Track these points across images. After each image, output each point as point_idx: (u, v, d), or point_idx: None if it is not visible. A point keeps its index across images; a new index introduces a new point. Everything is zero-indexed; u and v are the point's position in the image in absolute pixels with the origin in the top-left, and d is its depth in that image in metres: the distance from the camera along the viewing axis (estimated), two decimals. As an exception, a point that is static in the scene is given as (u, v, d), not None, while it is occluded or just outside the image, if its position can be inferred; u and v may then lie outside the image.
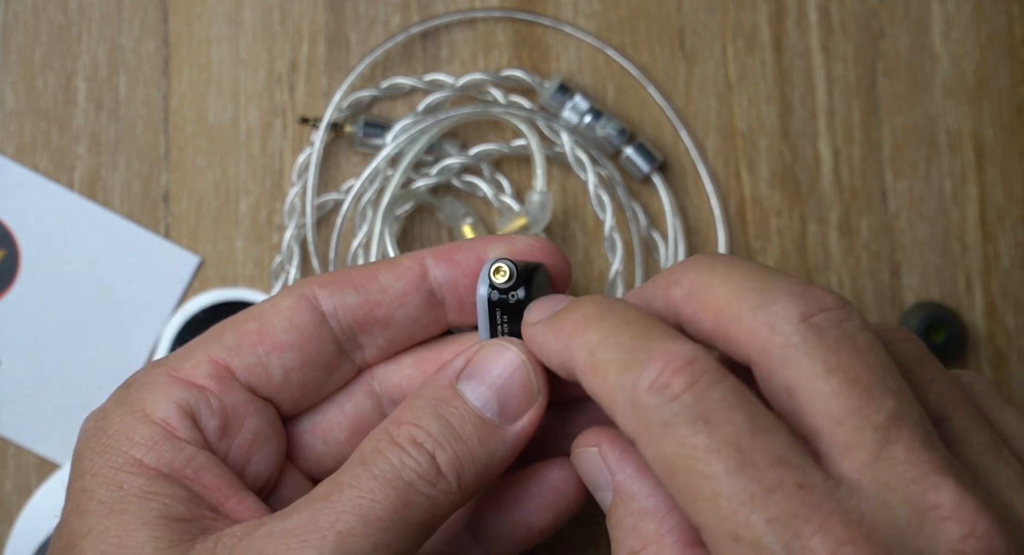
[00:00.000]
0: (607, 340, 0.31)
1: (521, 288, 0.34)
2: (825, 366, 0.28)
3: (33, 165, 0.49)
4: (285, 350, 0.35)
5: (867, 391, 0.28)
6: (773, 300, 0.29)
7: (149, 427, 0.33)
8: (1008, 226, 0.50)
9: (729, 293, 0.30)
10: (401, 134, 0.48)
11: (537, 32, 0.50)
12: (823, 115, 0.50)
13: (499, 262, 0.34)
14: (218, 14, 0.50)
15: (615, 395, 0.30)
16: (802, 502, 0.27)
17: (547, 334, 0.33)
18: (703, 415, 0.28)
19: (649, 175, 0.49)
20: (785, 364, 0.29)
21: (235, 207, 0.49)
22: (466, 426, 0.33)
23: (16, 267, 0.48)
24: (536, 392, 0.34)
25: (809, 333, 0.29)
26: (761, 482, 0.27)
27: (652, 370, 0.29)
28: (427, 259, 0.36)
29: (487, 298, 0.35)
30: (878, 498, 0.27)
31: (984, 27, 0.51)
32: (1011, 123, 0.51)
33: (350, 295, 0.35)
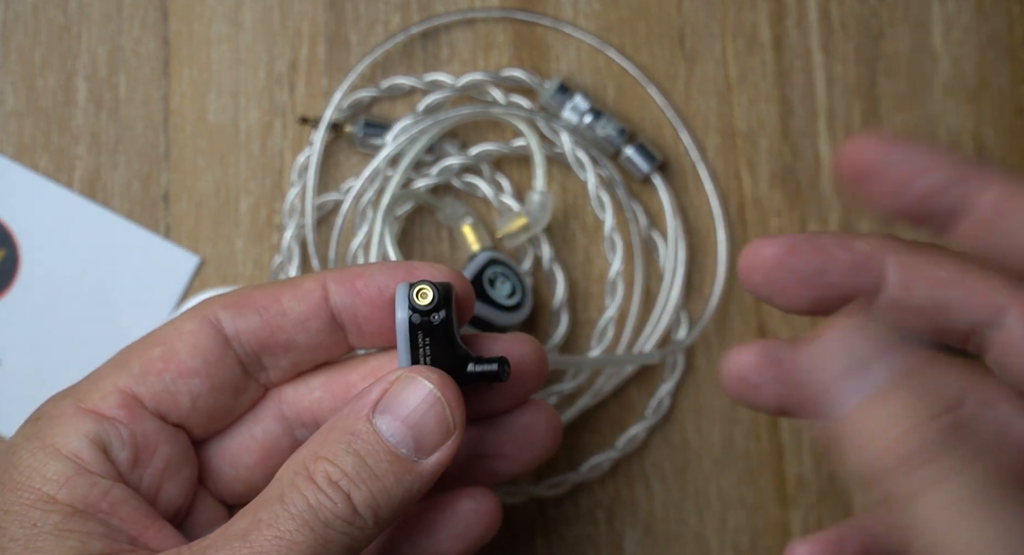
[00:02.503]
0: (890, 388, 0.28)
1: (443, 309, 0.34)
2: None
3: (33, 165, 0.49)
4: (192, 376, 0.35)
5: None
6: None
7: (60, 462, 0.33)
8: (1008, 226, 0.50)
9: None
10: (401, 134, 0.48)
11: (537, 32, 0.50)
12: (823, 115, 0.50)
13: (422, 284, 0.34)
14: (218, 14, 0.50)
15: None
16: None
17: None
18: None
19: (649, 175, 0.49)
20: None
21: (235, 207, 0.49)
22: (381, 463, 0.33)
23: (16, 267, 0.48)
24: (452, 427, 0.34)
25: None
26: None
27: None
28: (329, 283, 0.36)
29: (407, 322, 0.34)
30: None
31: (984, 27, 0.51)
32: (1011, 123, 0.51)
33: (252, 318, 0.35)
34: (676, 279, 0.48)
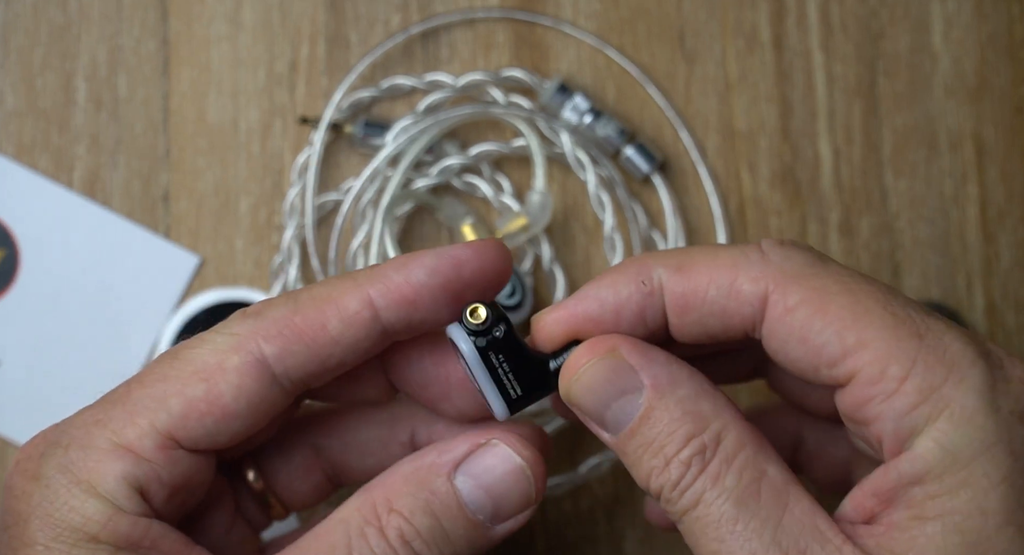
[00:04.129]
0: (694, 247, 0.33)
1: (500, 322, 0.33)
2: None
3: (33, 165, 0.49)
4: (235, 418, 0.33)
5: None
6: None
7: (99, 502, 0.32)
8: (1008, 226, 0.50)
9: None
10: (401, 134, 0.48)
11: (537, 32, 0.50)
12: (823, 115, 0.50)
13: (472, 305, 0.33)
14: (218, 14, 0.50)
15: (736, 265, 0.31)
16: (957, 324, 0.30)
17: (609, 275, 0.33)
18: (834, 260, 0.31)
19: (649, 175, 0.49)
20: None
21: (235, 207, 0.49)
22: (457, 527, 0.32)
23: (16, 267, 0.48)
24: (533, 499, 0.33)
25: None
26: (921, 305, 0.30)
27: (770, 239, 0.31)
28: (376, 299, 0.33)
29: (475, 349, 0.33)
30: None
31: (984, 27, 0.51)
32: (1011, 123, 0.51)
33: (300, 353, 0.33)
34: (676, 279, 0.48)
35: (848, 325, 0.29)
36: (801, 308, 0.30)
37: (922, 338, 0.29)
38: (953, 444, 0.28)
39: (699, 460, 0.30)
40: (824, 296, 0.30)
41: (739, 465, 0.30)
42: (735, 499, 0.30)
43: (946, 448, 0.28)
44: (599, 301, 0.32)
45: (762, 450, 0.30)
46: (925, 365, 0.28)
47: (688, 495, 0.30)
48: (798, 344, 0.30)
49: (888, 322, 0.29)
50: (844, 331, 0.29)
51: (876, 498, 0.29)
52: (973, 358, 0.29)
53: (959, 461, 0.28)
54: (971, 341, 0.29)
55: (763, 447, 0.31)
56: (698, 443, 0.30)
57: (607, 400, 0.32)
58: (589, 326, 0.33)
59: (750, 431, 0.31)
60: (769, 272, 0.30)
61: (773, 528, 0.29)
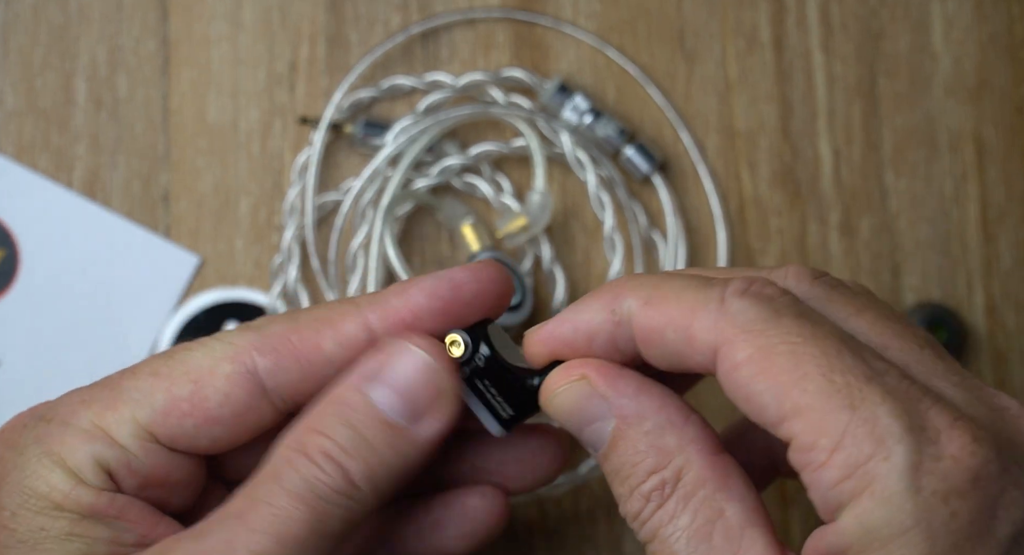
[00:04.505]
0: (670, 277, 0.32)
1: (481, 344, 0.34)
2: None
3: (33, 165, 0.49)
4: (216, 424, 0.34)
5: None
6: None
7: (64, 474, 0.33)
8: (1009, 226, 0.50)
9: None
10: (401, 134, 0.48)
11: (537, 32, 0.50)
12: (823, 115, 0.50)
13: (449, 335, 0.34)
14: (218, 14, 0.50)
15: (695, 309, 0.30)
16: (911, 385, 0.29)
17: (586, 301, 0.33)
18: (802, 313, 0.30)
19: (649, 175, 0.49)
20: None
21: (235, 207, 0.49)
22: (376, 433, 0.33)
23: (16, 267, 0.48)
24: (446, 388, 0.33)
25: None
26: (871, 366, 0.29)
27: (737, 283, 0.30)
28: (373, 323, 0.34)
29: (460, 380, 0.34)
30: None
31: (985, 27, 0.51)
32: (1012, 123, 0.51)
33: (293, 370, 0.34)
34: (676, 279, 0.48)
35: (786, 390, 0.29)
36: (745, 366, 0.29)
37: (855, 409, 0.28)
38: (873, 523, 0.28)
39: (658, 496, 0.31)
40: (768, 356, 0.29)
41: (695, 504, 0.30)
42: (687, 538, 0.30)
43: (866, 527, 0.28)
44: (573, 325, 0.33)
45: (723, 488, 0.30)
46: (854, 439, 0.28)
47: (647, 528, 0.31)
48: (744, 401, 0.30)
49: (824, 389, 0.29)
50: (781, 396, 0.29)
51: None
52: (901, 434, 0.28)
53: (877, 540, 0.28)
54: (904, 412, 0.28)
55: (726, 485, 0.31)
56: (658, 479, 0.31)
57: (580, 424, 0.32)
58: (566, 348, 0.33)
59: (715, 467, 0.31)
60: (721, 323, 0.30)
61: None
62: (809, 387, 0.29)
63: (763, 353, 0.29)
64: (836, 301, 0.32)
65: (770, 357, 0.29)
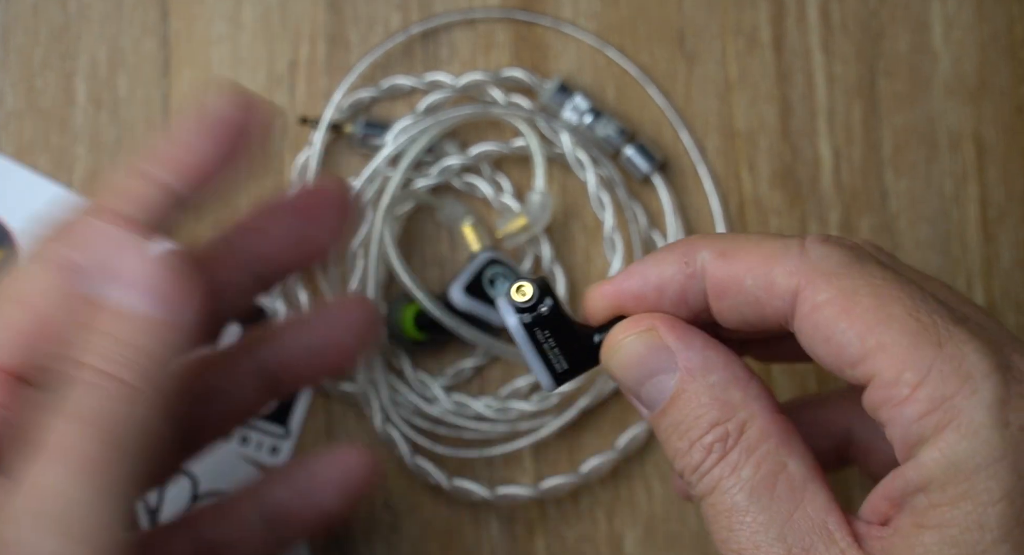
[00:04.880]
0: (742, 234, 0.33)
1: (546, 298, 0.33)
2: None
3: (33, 165, 0.49)
4: (63, 328, 0.32)
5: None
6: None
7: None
8: (1009, 226, 0.50)
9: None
10: (401, 134, 0.48)
11: (537, 32, 0.50)
12: (823, 115, 0.50)
13: (518, 282, 0.33)
14: (218, 14, 0.50)
15: (775, 256, 0.31)
16: (992, 331, 0.29)
17: (656, 254, 0.33)
18: (882, 262, 0.30)
19: (649, 175, 0.49)
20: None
21: (235, 207, 0.49)
22: (130, 331, 0.31)
23: (16, 267, 0.48)
24: (183, 270, 0.32)
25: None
26: (952, 310, 0.29)
27: (816, 235, 0.31)
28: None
29: (522, 325, 0.33)
30: None
31: (985, 27, 0.51)
32: (1012, 123, 0.51)
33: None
34: (676, 279, 0.48)
35: (870, 328, 0.29)
36: (827, 307, 0.30)
37: (941, 346, 0.28)
38: (957, 456, 0.28)
39: (720, 447, 0.30)
40: (851, 297, 0.29)
41: (758, 457, 0.30)
42: (749, 490, 0.30)
43: (950, 459, 0.28)
44: (643, 277, 0.33)
45: (786, 444, 0.30)
46: (940, 374, 0.28)
47: (706, 481, 0.31)
48: (823, 342, 0.30)
49: (910, 327, 0.29)
50: (865, 333, 0.29)
51: (887, 501, 0.30)
52: (988, 371, 0.28)
53: (962, 473, 0.28)
54: (991, 352, 0.29)
55: (788, 441, 0.31)
56: (721, 430, 0.30)
57: (641, 378, 0.32)
58: (633, 302, 0.33)
59: (777, 423, 0.31)
60: (804, 268, 0.30)
61: (781, 524, 0.29)
62: (895, 325, 0.29)
63: (846, 294, 0.29)
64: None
65: (854, 297, 0.29)
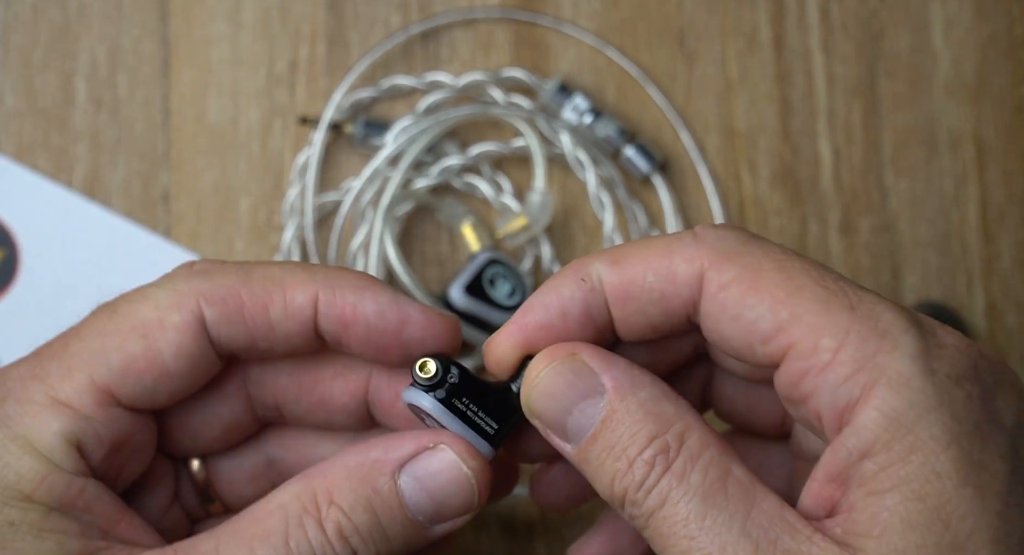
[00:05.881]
0: (631, 242, 0.33)
1: (450, 367, 0.33)
2: None
3: (33, 165, 0.49)
4: (173, 377, 0.33)
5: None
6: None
7: (35, 460, 0.31)
8: (1009, 226, 0.50)
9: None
10: (401, 134, 0.48)
11: (537, 32, 0.50)
12: (823, 115, 0.50)
13: (419, 361, 0.33)
14: (218, 14, 0.50)
15: (671, 249, 0.31)
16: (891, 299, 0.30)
17: (550, 282, 0.32)
18: (764, 238, 0.31)
19: (649, 175, 0.49)
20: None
21: (235, 207, 0.49)
22: (395, 527, 0.32)
23: (16, 267, 0.48)
24: (474, 505, 0.33)
25: None
26: (852, 281, 0.30)
27: (703, 225, 0.32)
28: (320, 303, 0.34)
29: (437, 401, 0.33)
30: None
31: (985, 27, 0.51)
32: (1012, 123, 0.51)
33: (237, 326, 0.33)
34: (676, 279, 0.48)
35: (780, 300, 0.29)
36: (734, 285, 0.29)
37: (854, 309, 0.28)
38: (894, 410, 0.27)
39: (663, 459, 0.29)
40: (757, 272, 0.29)
41: (704, 463, 0.29)
42: (702, 495, 0.29)
43: (888, 415, 0.27)
44: (544, 306, 0.32)
45: (726, 452, 0.30)
46: (858, 335, 0.28)
47: (654, 495, 0.29)
48: (732, 322, 0.30)
49: (820, 295, 0.29)
50: (776, 306, 0.29)
51: (832, 483, 0.29)
52: (905, 326, 0.28)
53: (904, 425, 0.27)
54: (903, 311, 0.29)
55: (727, 449, 0.30)
56: (661, 442, 0.30)
57: (568, 405, 0.31)
58: (539, 334, 0.32)
59: (713, 434, 0.30)
60: (703, 251, 0.30)
61: (742, 520, 0.29)
62: (805, 294, 0.29)
63: (751, 270, 0.29)
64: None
65: (759, 273, 0.29)
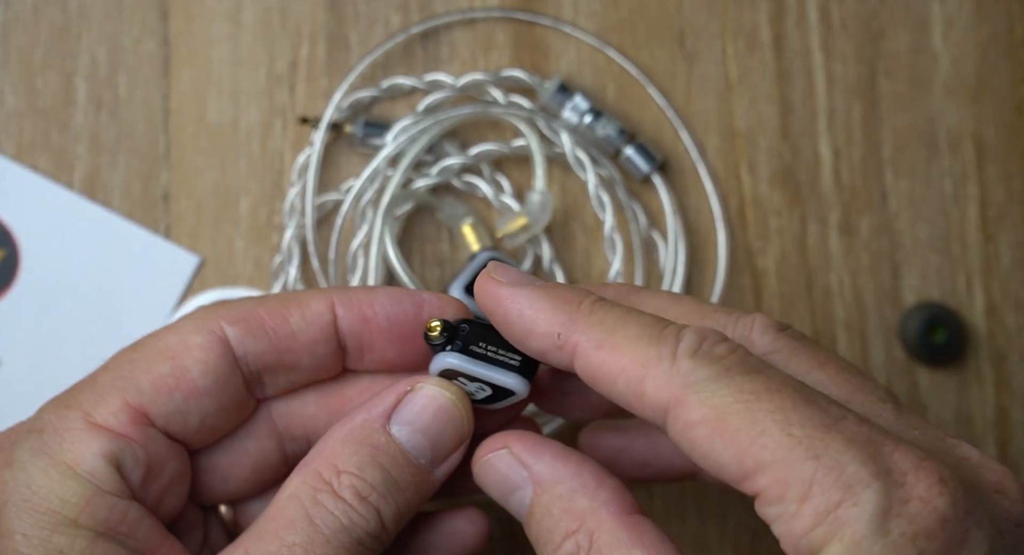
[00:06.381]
0: (626, 319, 0.31)
1: (460, 323, 0.34)
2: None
3: (33, 165, 0.49)
4: (203, 396, 0.34)
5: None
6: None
7: (78, 483, 0.32)
8: (1008, 226, 0.50)
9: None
10: (401, 134, 0.48)
11: (537, 32, 0.50)
12: (823, 115, 0.50)
13: (425, 327, 0.34)
14: (218, 14, 0.50)
15: (647, 364, 0.30)
16: (871, 429, 0.29)
17: (542, 300, 0.32)
18: (754, 368, 0.30)
19: (649, 175, 0.49)
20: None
21: (235, 207, 0.49)
22: (404, 476, 0.33)
23: (16, 267, 0.48)
24: (466, 433, 0.34)
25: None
26: (828, 413, 0.29)
27: (690, 339, 0.30)
28: (338, 307, 0.35)
29: (458, 353, 0.34)
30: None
31: (984, 27, 0.51)
32: (1011, 123, 0.51)
33: (261, 340, 0.35)
34: (676, 279, 0.49)
35: (744, 449, 0.29)
36: (700, 427, 0.30)
37: (819, 459, 0.28)
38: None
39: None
40: (723, 416, 0.29)
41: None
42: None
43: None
44: (520, 316, 0.33)
45: (639, 545, 0.31)
46: (821, 487, 0.28)
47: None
48: (701, 458, 0.30)
49: (784, 443, 0.29)
50: (741, 454, 0.29)
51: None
52: (869, 480, 0.28)
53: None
54: (869, 458, 0.29)
55: (640, 542, 0.31)
56: (573, 542, 0.31)
57: (504, 494, 0.33)
58: (502, 322, 0.33)
59: (627, 527, 0.31)
60: (674, 383, 0.30)
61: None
62: (769, 443, 0.29)
63: (717, 413, 0.29)
64: (800, 353, 0.33)
65: (724, 416, 0.29)
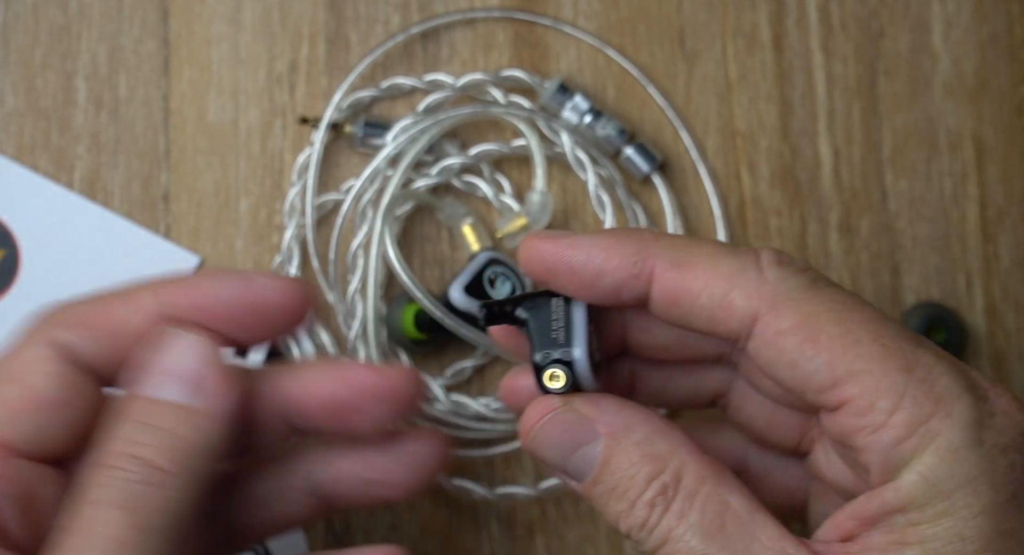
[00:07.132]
0: (696, 241, 0.32)
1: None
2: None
3: (33, 165, 0.49)
4: (57, 408, 0.33)
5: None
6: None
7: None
8: (1008, 226, 0.50)
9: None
10: (401, 134, 0.48)
11: (537, 32, 0.50)
12: (823, 115, 0.50)
13: (547, 373, 0.33)
14: (218, 14, 0.50)
15: (732, 276, 0.31)
16: (943, 353, 0.30)
17: (606, 238, 0.32)
18: (836, 284, 0.31)
19: (649, 175, 0.49)
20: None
21: (235, 207, 0.49)
22: (163, 418, 0.32)
23: (16, 267, 0.48)
24: (213, 359, 0.33)
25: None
26: (910, 332, 0.30)
27: (769, 253, 0.31)
28: (161, 292, 0.34)
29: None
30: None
31: (984, 27, 0.51)
32: (1011, 123, 0.51)
33: (101, 340, 0.34)
34: (676, 279, 0.49)
35: (838, 355, 0.29)
36: (792, 334, 0.30)
37: (911, 371, 0.29)
38: (936, 477, 0.28)
39: (662, 500, 0.31)
40: (815, 323, 0.30)
41: (701, 500, 0.30)
42: (701, 534, 0.30)
43: (929, 481, 0.28)
44: (587, 256, 0.32)
45: (723, 482, 0.31)
46: (913, 399, 0.29)
47: (656, 534, 0.31)
48: (786, 367, 0.30)
49: (877, 354, 0.29)
50: (834, 361, 0.29)
51: (855, 521, 0.30)
52: (960, 392, 0.29)
53: (941, 493, 0.28)
54: (959, 374, 0.29)
55: (723, 478, 0.31)
56: (659, 484, 0.31)
57: (566, 452, 0.32)
58: (566, 274, 0.33)
59: (708, 464, 0.31)
60: (764, 292, 0.30)
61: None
62: (863, 352, 0.29)
63: (810, 320, 0.30)
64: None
65: (818, 324, 0.30)
